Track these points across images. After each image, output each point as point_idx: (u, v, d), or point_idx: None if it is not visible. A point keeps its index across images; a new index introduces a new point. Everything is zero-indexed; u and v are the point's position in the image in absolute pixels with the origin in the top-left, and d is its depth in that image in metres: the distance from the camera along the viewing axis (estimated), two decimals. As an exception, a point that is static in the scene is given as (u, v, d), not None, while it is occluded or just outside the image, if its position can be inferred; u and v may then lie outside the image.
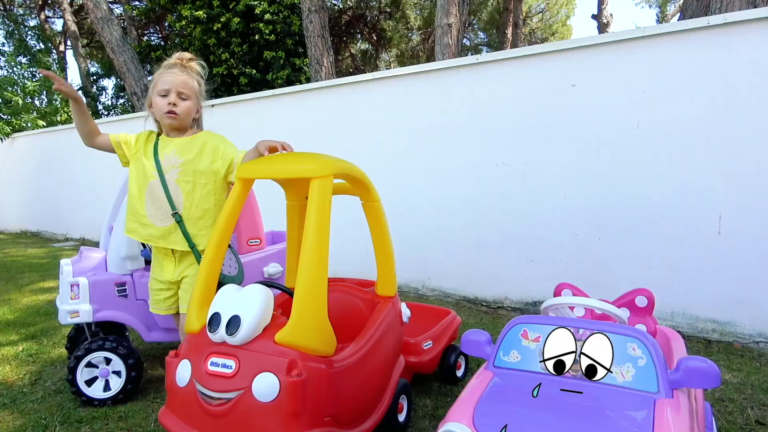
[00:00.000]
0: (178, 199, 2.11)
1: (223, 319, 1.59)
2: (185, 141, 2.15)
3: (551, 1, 25.72)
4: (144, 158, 2.14)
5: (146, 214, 2.12)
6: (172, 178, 2.10)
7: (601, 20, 17.66)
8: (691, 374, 1.38)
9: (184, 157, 2.12)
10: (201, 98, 2.21)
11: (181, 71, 2.12)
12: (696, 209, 3.36)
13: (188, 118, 2.16)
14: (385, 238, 2.20)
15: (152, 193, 2.11)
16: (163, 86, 2.08)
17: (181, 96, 2.10)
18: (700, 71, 3.29)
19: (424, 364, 2.51)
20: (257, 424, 1.51)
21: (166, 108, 2.08)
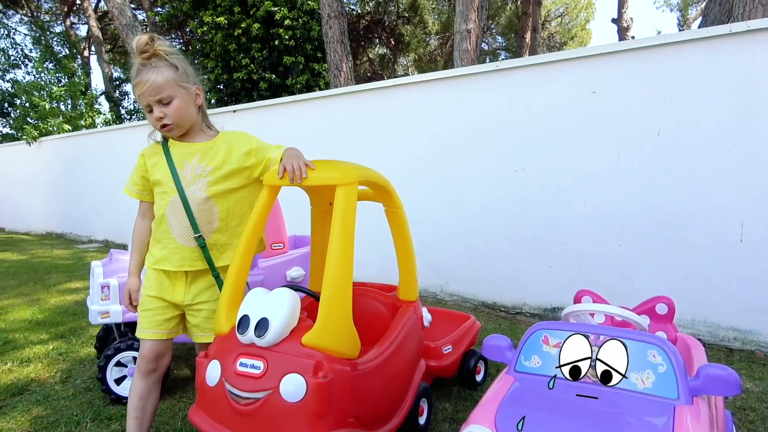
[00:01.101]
0: (207, 215, 1.86)
1: (252, 321, 1.64)
2: (208, 146, 1.89)
3: (570, 5, 25.60)
4: (157, 175, 1.88)
5: (174, 235, 1.86)
6: (199, 191, 1.84)
7: (621, 24, 17.53)
8: (711, 382, 1.40)
9: (212, 164, 1.86)
10: (187, 80, 1.85)
11: (148, 72, 1.77)
12: (717, 217, 3.34)
13: (187, 117, 1.86)
14: (407, 244, 2.25)
15: (174, 210, 1.85)
16: (142, 102, 1.82)
17: (163, 102, 1.79)
18: (722, 78, 3.28)
19: (444, 368, 2.54)
20: (284, 424, 1.56)
21: (158, 125, 1.83)
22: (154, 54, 1.79)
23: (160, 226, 1.87)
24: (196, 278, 1.91)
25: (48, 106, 11.15)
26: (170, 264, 1.87)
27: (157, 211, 1.88)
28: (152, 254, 1.91)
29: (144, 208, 1.97)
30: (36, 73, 12.74)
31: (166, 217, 1.85)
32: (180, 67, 1.83)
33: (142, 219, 1.97)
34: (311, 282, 2.43)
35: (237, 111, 6.57)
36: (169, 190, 1.85)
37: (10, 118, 12.56)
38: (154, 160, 1.90)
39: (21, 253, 7.86)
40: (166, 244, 1.87)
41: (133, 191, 1.96)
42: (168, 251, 1.86)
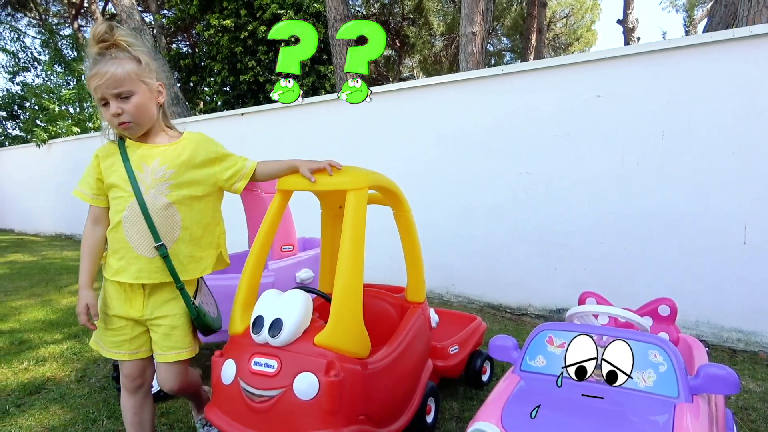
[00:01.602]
0: (168, 222, 1.72)
1: (266, 322, 1.70)
2: (171, 148, 1.75)
3: (576, 6, 25.58)
4: (113, 178, 1.72)
5: (131, 244, 1.70)
6: (160, 196, 1.70)
7: (627, 25, 17.52)
8: (711, 381, 1.45)
9: (174, 167, 1.72)
10: (150, 75, 1.71)
11: (107, 63, 1.62)
12: (721, 219, 3.38)
13: (147, 115, 1.71)
14: (415, 246, 2.30)
15: (132, 216, 1.70)
16: (97, 95, 1.65)
17: (121, 96, 1.64)
18: (725, 83, 3.32)
19: (451, 368, 2.59)
20: (297, 421, 1.61)
21: (114, 121, 1.67)
22: (114, 44, 1.65)
23: (116, 234, 1.71)
24: (155, 291, 1.76)
25: (57, 108, 11.26)
26: (127, 275, 1.70)
27: (113, 218, 1.72)
28: (110, 265, 1.74)
29: (96, 213, 1.77)
30: (45, 76, 12.86)
31: (123, 225, 1.69)
32: (143, 61, 1.69)
33: (93, 225, 1.77)
34: (321, 283, 2.49)
35: (245, 114, 6.64)
36: (126, 194, 1.69)
37: (20, 121, 12.67)
38: (110, 161, 1.73)
39: (31, 255, 7.96)
40: (123, 254, 1.71)
41: (86, 195, 1.75)
42: (125, 261, 1.71)
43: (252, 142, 6.36)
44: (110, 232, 1.74)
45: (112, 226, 1.73)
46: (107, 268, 1.76)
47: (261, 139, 6.37)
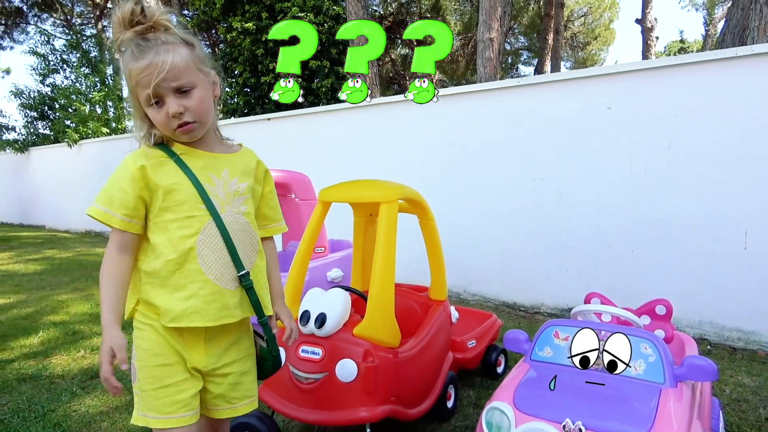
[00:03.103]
0: (249, 245, 1.45)
1: (312, 316, 1.99)
2: (236, 158, 1.47)
3: (594, 5, 25.52)
4: (175, 193, 1.34)
5: (209, 277, 1.35)
6: (238, 214, 1.42)
7: (645, 24, 17.56)
8: (693, 369, 1.71)
9: (246, 179, 1.45)
10: (205, 62, 1.38)
11: (159, 50, 1.27)
12: (723, 225, 3.60)
13: (210, 114, 1.39)
14: (438, 250, 2.58)
15: (210, 241, 1.36)
16: (145, 91, 1.27)
17: (181, 91, 1.30)
18: (728, 98, 3.54)
19: (469, 360, 2.86)
20: (339, 400, 1.90)
21: (173, 124, 1.31)
22: (152, 27, 1.30)
23: (185, 266, 1.33)
24: (219, 333, 1.43)
25: (87, 110, 11.69)
26: (205, 317, 1.34)
27: (177, 245, 1.33)
28: (167, 307, 1.33)
29: (125, 240, 1.34)
30: (75, 78, 13.31)
31: (197, 252, 1.34)
32: (196, 45, 1.37)
33: (120, 253, 1.34)
34: (352, 281, 2.78)
35: (271, 119, 6.95)
36: (200, 213, 1.35)
37: (50, 121, 13.15)
38: (165, 172, 1.34)
39: (66, 251, 8.36)
40: (197, 291, 1.33)
41: (116, 217, 1.31)
42: (200, 300, 1.33)
43: (278, 146, 6.66)
44: (167, 265, 1.33)
45: (173, 257, 1.33)
46: (158, 311, 1.35)
47: (286, 143, 6.67)
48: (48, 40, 13.84)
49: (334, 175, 3.44)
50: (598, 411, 1.58)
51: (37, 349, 3.59)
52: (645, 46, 18.06)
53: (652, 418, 1.53)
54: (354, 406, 1.90)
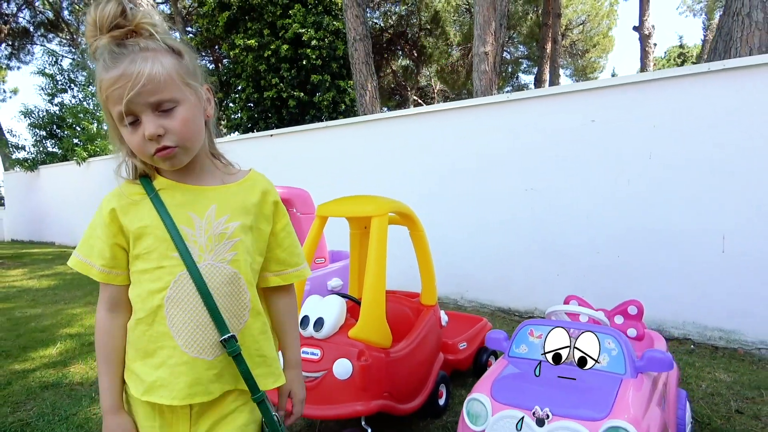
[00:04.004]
0: (237, 301, 1.16)
1: (311, 320, 2.20)
2: (235, 189, 1.20)
3: (592, 13, 25.80)
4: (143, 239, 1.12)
5: (178, 342, 1.11)
6: (222, 263, 1.14)
7: (643, 32, 17.77)
8: (651, 362, 1.90)
9: (240, 218, 1.17)
10: (195, 74, 1.13)
11: (135, 58, 1.02)
12: (702, 231, 3.79)
13: (198, 136, 1.13)
14: (427, 259, 2.79)
15: (181, 297, 1.11)
16: (117, 107, 1.02)
17: (161, 109, 1.05)
18: (703, 109, 3.75)
19: (460, 361, 3.06)
20: (337, 395, 2.11)
21: (150, 148, 1.06)
22: (133, 31, 1.06)
23: (152, 328, 1.12)
24: (208, 408, 1.16)
25: (94, 128, 12.00)
26: (171, 393, 1.10)
27: (145, 302, 1.12)
28: (139, 375, 1.13)
29: (114, 295, 1.15)
30: (82, 97, 13.65)
31: (165, 311, 1.11)
32: (184, 54, 1.11)
33: (111, 314, 1.16)
34: (350, 289, 2.98)
35: (274, 135, 7.19)
36: (170, 263, 1.11)
37: (58, 140, 13.48)
38: (134, 213, 1.13)
39: (77, 266, 8.59)
40: (165, 358, 1.11)
41: (95, 268, 1.13)
42: (168, 372, 1.11)
43: (281, 162, 6.90)
44: (138, 325, 1.14)
45: (141, 316, 1.13)
46: (133, 380, 1.15)
47: (288, 158, 6.91)
48: (56, 60, 14.18)
49: (335, 190, 3.67)
50: (563, 399, 1.78)
51: (56, 359, 3.81)
52: (643, 53, 18.28)
53: (611, 404, 1.73)
54: (350, 401, 2.10)
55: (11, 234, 14.51)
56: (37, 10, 23.15)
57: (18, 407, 2.98)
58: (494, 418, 1.80)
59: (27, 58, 24.57)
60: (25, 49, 24.40)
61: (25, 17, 23.45)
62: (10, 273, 8.07)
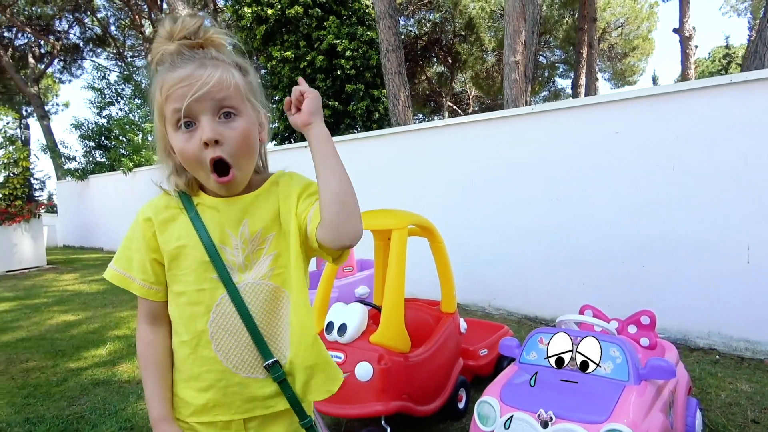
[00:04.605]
0: (277, 320, 1.13)
1: (335, 326, 2.39)
2: (264, 196, 1.15)
3: (631, 16, 25.38)
4: (182, 260, 1.10)
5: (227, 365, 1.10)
6: (262, 279, 1.12)
7: (683, 34, 17.43)
8: (653, 369, 2.01)
9: (273, 228, 1.13)
10: (257, 95, 1.12)
11: (203, 63, 1.03)
12: (727, 241, 3.81)
13: (252, 154, 1.10)
14: (447, 269, 2.94)
15: (224, 320, 1.10)
16: (175, 105, 1.00)
17: (222, 114, 1.03)
18: (727, 121, 3.77)
19: (481, 367, 3.19)
20: (358, 395, 2.28)
21: (203, 155, 1.02)
22: (201, 45, 1.07)
23: (197, 351, 1.10)
24: (267, 425, 1.14)
25: (140, 139, 12.58)
26: (229, 410, 1.11)
27: (188, 325, 1.10)
28: (183, 399, 1.13)
29: (154, 310, 1.16)
30: (128, 109, 14.31)
31: (210, 336, 1.09)
32: (250, 73, 1.12)
33: (152, 327, 1.16)
34: (375, 297, 3.16)
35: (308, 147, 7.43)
36: (210, 285, 1.09)
37: (106, 150, 14.15)
38: (171, 230, 1.12)
39: (123, 271, 9.05)
40: (214, 382, 1.10)
41: (135, 282, 1.13)
42: (220, 392, 1.10)
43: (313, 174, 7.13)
44: (182, 347, 1.11)
45: (185, 339, 1.11)
46: (175, 402, 1.14)
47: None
48: (104, 75, 14.91)
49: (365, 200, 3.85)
50: (567, 403, 1.91)
51: (105, 358, 4.11)
52: (684, 55, 17.93)
53: (612, 408, 1.85)
54: (371, 401, 2.27)
55: (63, 240, 15.27)
56: (86, 26, 24.30)
57: (73, 401, 3.27)
58: (502, 420, 1.94)
59: (78, 72, 25.81)
60: (76, 64, 25.62)
61: (76, 33, 24.67)
62: (63, 277, 8.57)
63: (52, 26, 23.28)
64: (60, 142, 16.19)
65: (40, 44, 23.61)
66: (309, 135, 1.07)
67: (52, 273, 9.16)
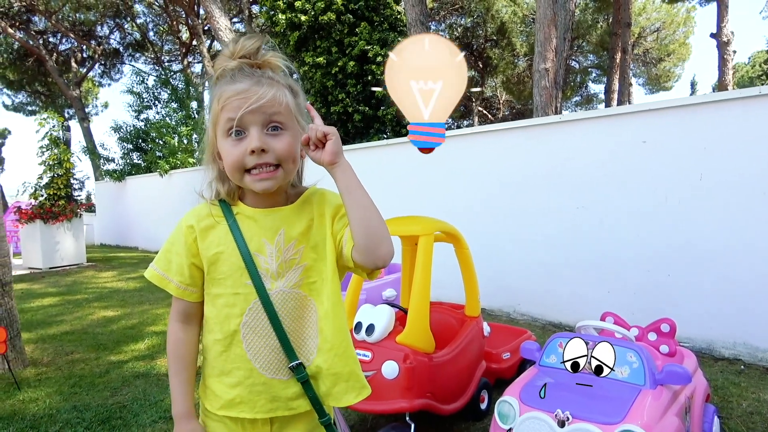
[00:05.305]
0: (305, 326, 1.23)
1: (364, 326, 2.52)
2: (295, 210, 1.23)
3: (667, 21, 24.98)
4: (220, 264, 1.21)
5: (255, 365, 1.20)
6: (292, 288, 1.21)
7: (721, 39, 17.10)
8: (669, 375, 2.08)
9: (303, 241, 1.22)
10: (303, 118, 1.21)
11: (258, 81, 1.13)
12: (753, 251, 3.82)
13: (293, 168, 1.19)
14: (471, 274, 3.04)
15: (255, 323, 1.20)
16: (229, 115, 1.11)
17: (271, 127, 1.13)
18: (754, 132, 3.78)
19: (503, 370, 3.28)
20: (384, 393, 2.40)
21: (249, 162, 1.13)
22: (259, 65, 1.18)
23: (230, 349, 1.20)
24: (289, 424, 1.23)
25: (176, 142, 12.97)
26: (253, 408, 1.20)
27: (223, 325, 1.20)
28: (215, 392, 1.23)
29: (186, 309, 1.25)
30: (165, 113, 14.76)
31: (241, 336, 1.20)
32: (300, 96, 1.23)
33: (183, 325, 1.26)
34: (402, 299, 3.28)
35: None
36: (244, 290, 1.19)
37: (143, 152, 14.61)
38: (212, 237, 1.22)
39: (159, 270, 9.37)
40: (242, 378, 1.20)
41: (173, 283, 1.22)
42: (245, 389, 1.19)
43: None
44: (215, 345, 1.22)
45: (219, 337, 1.21)
46: (208, 395, 1.25)
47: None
48: (143, 80, 15.40)
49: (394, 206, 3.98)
50: (583, 404, 2.00)
51: (144, 353, 4.33)
52: (721, 60, 17.59)
53: (627, 410, 1.93)
54: (396, 398, 2.39)
55: (100, 238, 15.82)
56: (126, 31, 25.09)
57: (116, 392, 3.48)
58: (521, 419, 2.04)
59: (117, 76, 26.64)
60: (116, 68, 26.46)
61: (116, 38, 25.50)
62: (101, 275, 8.94)
63: (94, 32, 24.11)
64: (99, 144, 16.77)
65: (83, 49, 24.47)
66: (335, 173, 1.13)
67: (91, 270, 9.55)
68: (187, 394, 1.23)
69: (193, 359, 1.25)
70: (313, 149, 1.13)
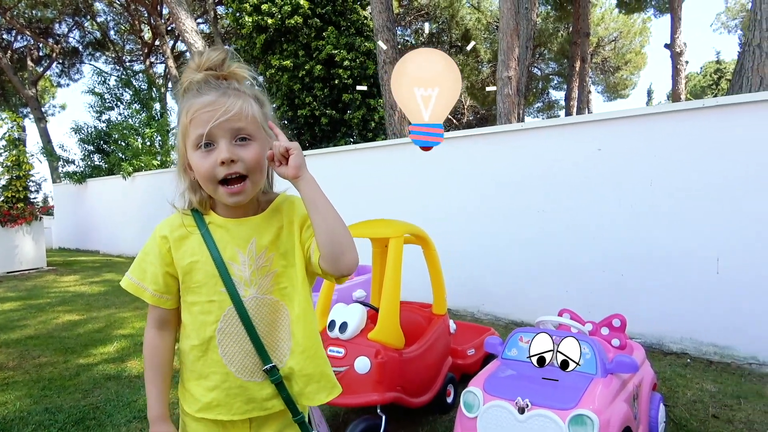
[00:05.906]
0: (278, 330, 1.29)
1: (337, 324, 2.64)
2: (265, 219, 1.29)
3: (624, 31, 25.85)
4: (194, 274, 1.25)
5: (231, 368, 1.25)
6: (265, 294, 1.27)
7: (674, 49, 17.82)
8: (619, 364, 2.28)
9: (273, 249, 1.28)
10: (267, 127, 1.24)
11: (225, 93, 1.18)
12: (698, 253, 4.11)
13: (261, 177, 1.24)
14: (438, 274, 3.20)
15: (230, 329, 1.25)
16: (198, 130, 1.16)
17: (238, 138, 1.18)
18: (699, 141, 4.08)
19: (468, 365, 3.45)
20: (357, 387, 2.53)
21: (219, 173, 1.17)
22: (225, 76, 1.23)
23: (207, 355, 1.25)
24: (265, 423, 1.30)
25: (139, 144, 12.79)
26: (230, 410, 1.25)
27: (199, 332, 1.25)
28: (193, 395, 1.27)
29: (162, 316, 1.31)
30: (128, 114, 14.51)
31: (217, 342, 1.25)
32: (266, 105, 1.27)
33: (159, 331, 1.31)
34: (372, 299, 3.41)
35: (306, 156, 7.69)
36: (219, 298, 1.24)
37: (105, 154, 14.34)
38: (186, 247, 1.26)
39: (123, 274, 9.18)
40: (219, 383, 1.25)
41: (147, 292, 1.27)
42: (223, 392, 1.25)
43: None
44: (193, 350, 1.26)
45: (195, 343, 1.26)
46: (186, 397, 1.30)
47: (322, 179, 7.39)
48: (104, 80, 15.11)
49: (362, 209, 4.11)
50: (541, 393, 2.17)
51: (114, 355, 4.34)
52: (675, 70, 18.31)
53: (580, 397, 2.11)
54: (368, 392, 2.52)
55: (59, 242, 15.42)
56: (86, 30, 24.50)
57: (87, 394, 3.50)
58: (485, 407, 2.20)
59: (76, 75, 25.97)
60: (74, 68, 25.79)
61: (75, 37, 24.87)
62: (63, 279, 8.77)
63: (52, 29, 23.47)
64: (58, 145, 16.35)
65: (39, 47, 23.79)
66: (299, 186, 1.20)
67: (52, 274, 9.35)
68: (163, 397, 1.30)
69: (168, 365, 1.31)
70: (278, 164, 1.19)
